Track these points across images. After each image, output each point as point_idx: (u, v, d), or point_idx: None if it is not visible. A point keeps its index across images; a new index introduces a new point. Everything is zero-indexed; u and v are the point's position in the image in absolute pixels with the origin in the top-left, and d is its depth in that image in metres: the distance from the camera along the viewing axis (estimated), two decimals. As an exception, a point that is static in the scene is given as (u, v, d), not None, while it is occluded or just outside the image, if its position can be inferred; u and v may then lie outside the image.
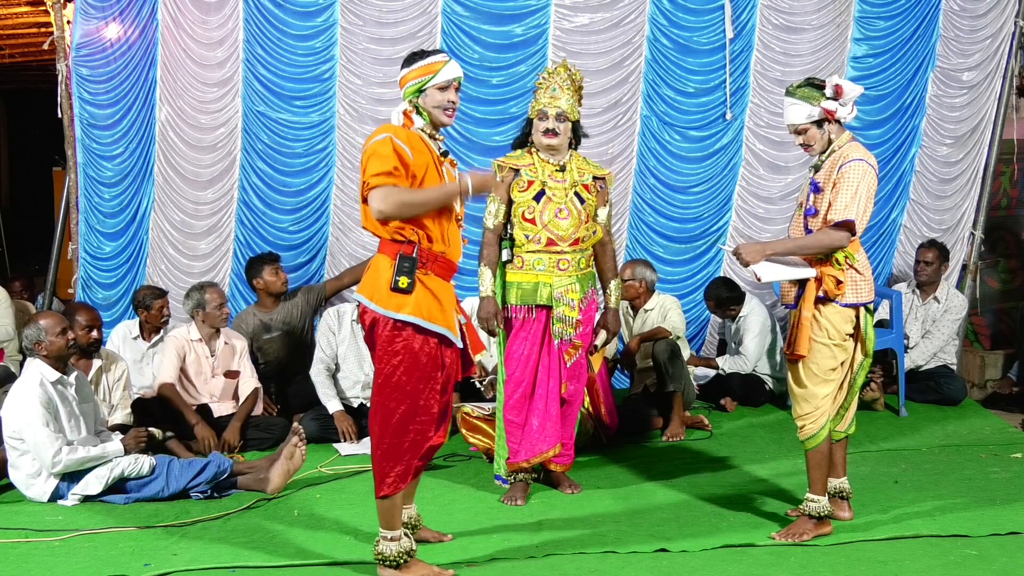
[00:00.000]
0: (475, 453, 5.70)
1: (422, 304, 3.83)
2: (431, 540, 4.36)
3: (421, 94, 3.98)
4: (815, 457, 4.40)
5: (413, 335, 3.82)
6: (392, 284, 3.80)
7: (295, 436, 5.11)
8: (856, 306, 4.33)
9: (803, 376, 4.36)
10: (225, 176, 7.10)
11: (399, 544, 3.93)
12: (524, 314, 4.93)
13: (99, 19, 6.81)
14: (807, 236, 4.34)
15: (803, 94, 4.35)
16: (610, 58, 7.09)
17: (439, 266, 3.92)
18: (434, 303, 3.85)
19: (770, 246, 4.37)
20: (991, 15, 7.30)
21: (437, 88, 3.97)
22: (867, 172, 4.25)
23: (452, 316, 3.93)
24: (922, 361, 6.91)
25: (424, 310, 3.82)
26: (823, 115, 4.31)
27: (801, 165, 7.30)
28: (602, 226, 5.04)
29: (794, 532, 4.38)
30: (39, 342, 5.03)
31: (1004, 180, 8.02)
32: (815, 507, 4.40)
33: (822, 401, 4.35)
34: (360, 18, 6.92)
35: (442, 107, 3.98)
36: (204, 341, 6.13)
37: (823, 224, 4.29)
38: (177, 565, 4.15)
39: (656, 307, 6.60)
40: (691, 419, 6.32)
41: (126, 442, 5.09)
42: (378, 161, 3.79)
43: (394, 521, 3.94)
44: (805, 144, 4.40)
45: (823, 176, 4.34)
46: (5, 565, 4.20)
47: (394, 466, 3.88)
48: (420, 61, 4.00)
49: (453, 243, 3.98)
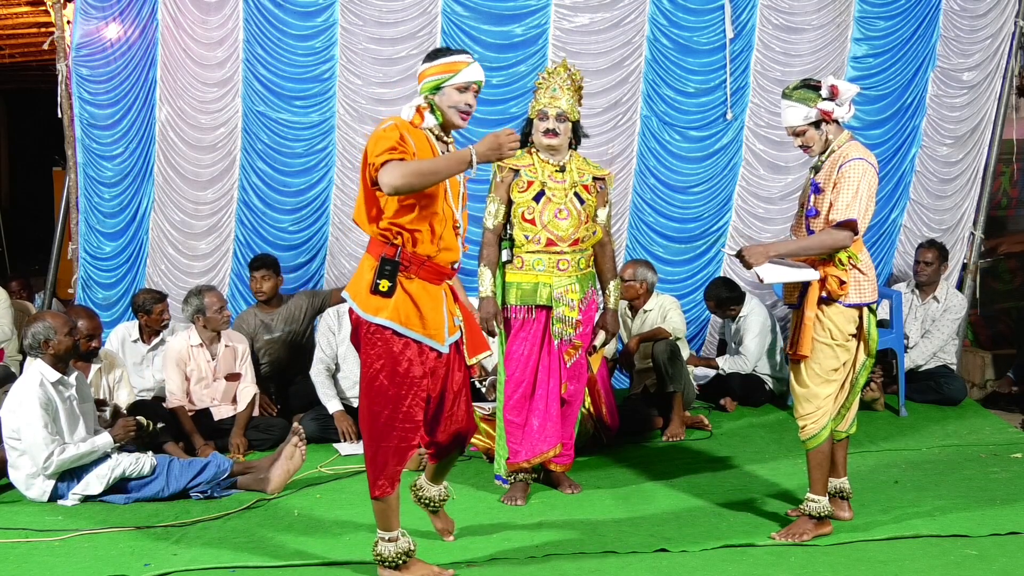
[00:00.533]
0: (475, 453, 5.70)
1: (400, 309, 3.77)
2: (438, 528, 4.35)
3: (438, 91, 3.85)
4: (816, 457, 4.41)
5: (392, 339, 3.78)
6: (372, 287, 3.76)
7: (295, 436, 5.12)
8: (859, 306, 4.33)
9: (805, 376, 4.36)
10: (225, 176, 7.10)
11: (396, 545, 3.93)
12: (524, 314, 4.93)
13: (99, 19, 6.81)
14: (810, 237, 4.33)
15: (799, 96, 4.34)
16: (610, 58, 7.09)
17: (425, 270, 3.82)
18: (412, 309, 3.78)
19: (774, 248, 4.35)
20: (991, 15, 7.30)
21: (456, 88, 3.84)
22: (867, 171, 4.25)
23: (438, 321, 3.85)
24: (922, 361, 6.91)
25: (401, 315, 3.76)
26: (820, 116, 4.31)
27: (801, 165, 7.30)
28: (601, 227, 5.04)
29: (794, 532, 4.39)
30: (47, 340, 5.02)
31: (1004, 180, 8.02)
32: (815, 507, 4.40)
33: (824, 401, 4.35)
34: (360, 18, 6.92)
35: (458, 108, 3.86)
36: (205, 345, 6.07)
37: (825, 224, 4.29)
38: (177, 565, 4.15)
39: (656, 308, 6.60)
40: (691, 419, 6.32)
41: (115, 432, 5.04)
42: (382, 142, 3.67)
43: (390, 522, 3.93)
44: (804, 146, 4.40)
45: (823, 176, 4.33)
46: (5, 565, 4.20)
47: (382, 469, 3.85)
48: (443, 58, 3.88)
49: (446, 247, 3.86)
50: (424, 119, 3.84)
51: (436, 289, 3.87)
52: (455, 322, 3.95)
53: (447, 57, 3.89)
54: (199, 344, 6.07)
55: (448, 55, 3.90)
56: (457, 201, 3.90)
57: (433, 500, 4.24)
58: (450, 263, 3.90)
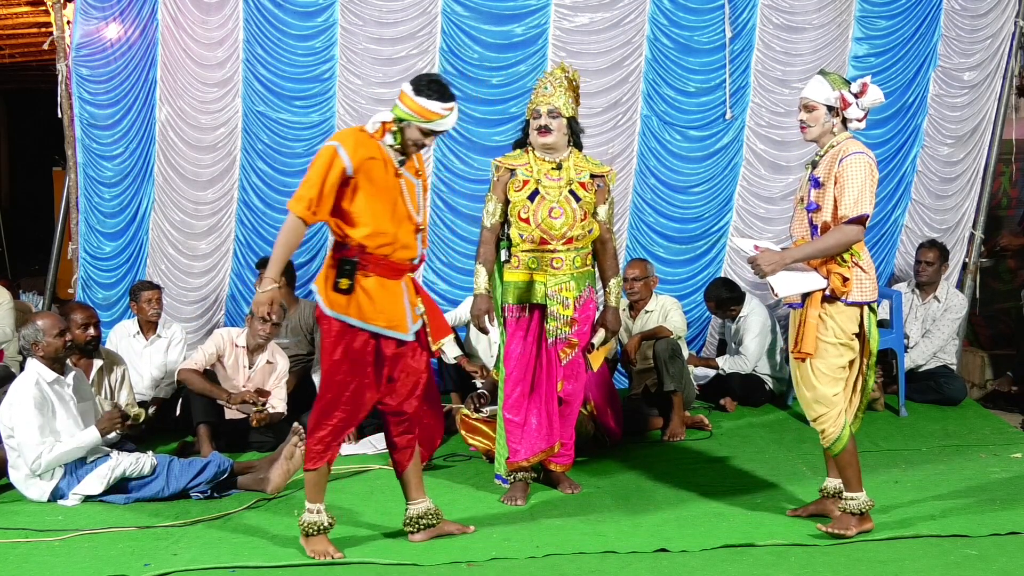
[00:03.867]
0: (475, 453, 5.69)
1: (357, 304, 4.10)
2: (455, 532, 4.46)
3: (406, 123, 4.16)
4: (844, 459, 4.36)
5: (344, 329, 4.11)
6: (334, 284, 4.10)
7: (295, 436, 5.11)
8: (860, 304, 4.32)
9: (812, 378, 4.32)
10: (225, 176, 7.10)
11: (314, 516, 4.22)
12: (520, 313, 4.94)
13: (99, 19, 6.81)
14: (823, 238, 4.29)
15: (833, 78, 4.37)
16: (610, 58, 7.08)
17: (382, 268, 4.15)
18: (367, 302, 4.11)
19: (788, 255, 4.31)
20: (992, 15, 7.29)
21: (422, 131, 4.18)
22: (868, 165, 4.26)
23: (398, 313, 4.18)
24: (922, 360, 6.90)
25: (354, 309, 4.10)
26: (838, 102, 4.31)
27: (802, 165, 7.27)
28: (602, 224, 5.02)
29: (838, 528, 4.36)
30: (36, 343, 5.03)
31: (1004, 180, 8.02)
32: (855, 504, 4.37)
33: (834, 399, 4.32)
34: (360, 18, 6.92)
35: (416, 144, 4.21)
36: (247, 351, 6.02)
37: (834, 221, 4.27)
38: (177, 565, 4.15)
39: (657, 309, 6.59)
40: (691, 419, 6.32)
41: (100, 425, 5.01)
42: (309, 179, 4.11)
43: (313, 495, 4.22)
44: (805, 124, 4.39)
45: (823, 171, 4.33)
46: (5, 565, 4.20)
47: (315, 444, 4.18)
48: (429, 101, 4.11)
49: (403, 245, 4.18)
50: (384, 137, 4.19)
51: (394, 283, 4.20)
52: (416, 311, 4.26)
53: (432, 103, 4.12)
54: (243, 347, 6.02)
55: (434, 100, 4.13)
56: (416, 203, 4.24)
57: (425, 517, 4.37)
58: (408, 259, 4.23)
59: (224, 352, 6.01)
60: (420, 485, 4.40)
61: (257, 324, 5.90)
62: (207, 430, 5.68)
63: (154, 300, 6.35)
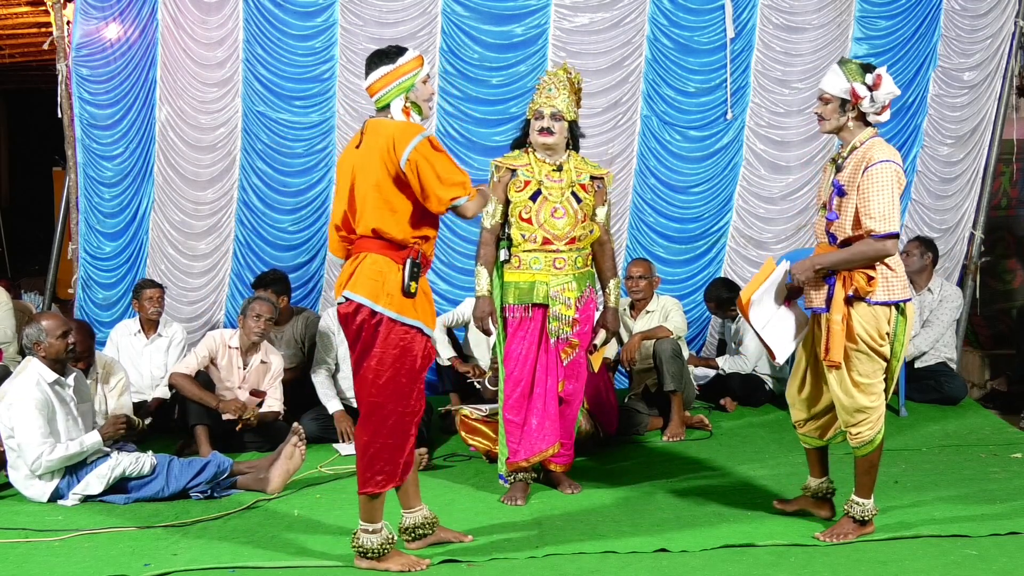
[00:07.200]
0: (475, 453, 5.69)
1: (424, 307, 3.98)
2: (452, 540, 4.37)
3: (412, 89, 4.02)
4: (865, 464, 4.31)
5: (415, 337, 3.95)
6: (404, 289, 3.89)
7: (295, 436, 5.12)
8: (889, 304, 4.19)
9: (849, 387, 4.22)
10: (225, 176, 7.10)
11: (380, 536, 4.03)
12: (521, 313, 4.94)
13: (99, 19, 6.81)
14: (852, 248, 4.16)
15: (849, 68, 4.20)
16: (610, 58, 7.09)
17: (428, 267, 4.09)
18: (429, 305, 4.01)
19: (817, 260, 4.23)
20: (992, 15, 7.29)
21: (423, 80, 4.04)
22: (895, 172, 4.12)
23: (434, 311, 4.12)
24: (926, 347, 6.88)
25: (426, 314, 3.98)
26: (849, 94, 4.17)
27: (802, 165, 7.31)
28: (600, 225, 5.04)
29: (837, 533, 4.34)
30: (38, 343, 5.02)
31: (1004, 180, 8.01)
32: (859, 510, 4.33)
33: (873, 408, 4.23)
34: (360, 18, 6.92)
35: (428, 98, 4.07)
36: (240, 352, 6.02)
37: (853, 230, 4.15)
38: (177, 565, 4.15)
39: (658, 309, 6.59)
40: (691, 419, 6.32)
41: (104, 431, 5.04)
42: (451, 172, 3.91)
43: (376, 515, 4.03)
44: (820, 115, 4.27)
45: (847, 178, 4.19)
46: (5, 565, 4.20)
47: (384, 465, 3.98)
48: (401, 57, 3.99)
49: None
50: (411, 118, 4.03)
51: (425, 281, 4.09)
52: None
53: (403, 55, 4.00)
54: (236, 347, 6.01)
55: (400, 53, 4.01)
56: None
57: (423, 527, 4.27)
58: None
59: (217, 354, 6.00)
60: (417, 492, 4.31)
61: (250, 322, 5.91)
62: (204, 431, 5.69)
63: (156, 299, 6.38)
